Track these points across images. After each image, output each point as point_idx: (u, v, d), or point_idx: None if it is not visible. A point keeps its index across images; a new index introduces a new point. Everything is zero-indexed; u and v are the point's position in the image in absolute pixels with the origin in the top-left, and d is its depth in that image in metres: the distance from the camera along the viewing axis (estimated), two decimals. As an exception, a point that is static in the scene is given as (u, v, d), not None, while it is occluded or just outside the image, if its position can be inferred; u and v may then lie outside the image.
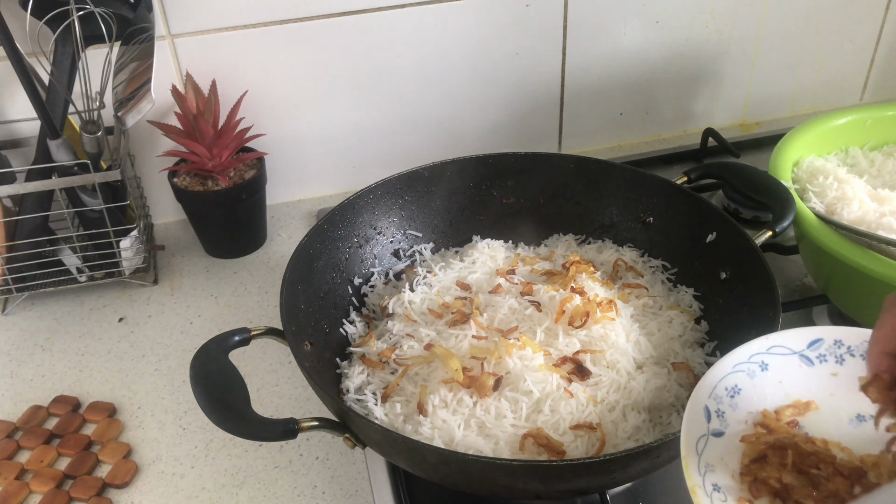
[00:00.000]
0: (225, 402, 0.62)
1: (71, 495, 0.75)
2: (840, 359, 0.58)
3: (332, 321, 0.82)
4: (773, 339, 0.59)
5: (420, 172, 0.91)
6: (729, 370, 0.57)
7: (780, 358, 0.58)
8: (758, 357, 0.58)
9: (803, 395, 0.57)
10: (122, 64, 0.91)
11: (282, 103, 1.09)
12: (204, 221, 1.06)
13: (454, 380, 0.71)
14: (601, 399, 0.70)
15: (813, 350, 0.59)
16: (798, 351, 0.59)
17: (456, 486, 0.66)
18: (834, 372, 0.58)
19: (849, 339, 0.58)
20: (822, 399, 0.57)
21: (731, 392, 0.56)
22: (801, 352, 0.59)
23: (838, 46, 1.26)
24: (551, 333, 0.75)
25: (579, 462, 0.57)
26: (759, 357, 0.58)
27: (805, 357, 0.59)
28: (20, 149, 1.01)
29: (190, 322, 0.97)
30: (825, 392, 0.57)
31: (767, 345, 0.58)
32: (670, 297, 0.85)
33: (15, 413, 0.85)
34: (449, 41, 1.09)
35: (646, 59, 1.19)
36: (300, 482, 0.76)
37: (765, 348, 0.58)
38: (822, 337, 0.59)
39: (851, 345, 0.58)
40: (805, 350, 0.59)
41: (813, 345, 0.59)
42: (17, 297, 0.99)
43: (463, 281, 0.86)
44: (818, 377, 0.58)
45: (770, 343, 0.59)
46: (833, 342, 0.59)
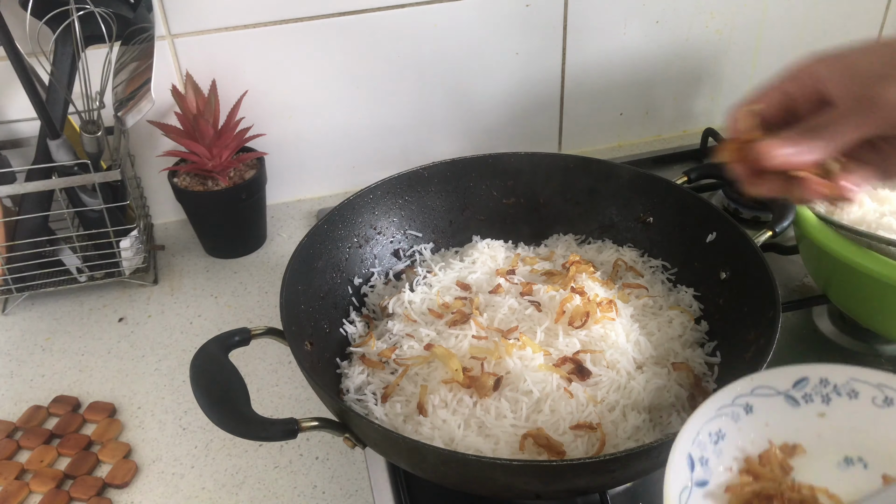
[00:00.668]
0: (225, 402, 0.62)
1: (71, 495, 0.75)
2: (826, 398, 0.56)
3: (332, 321, 0.82)
4: (756, 379, 0.57)
5: (420, 172, 0.91)
6: (712, 414, 0.55)
7: (765, 399, 0.56)
8: (742, 399, 0.56)
9: (790, 437, 0.55)
10: (122, 64, 0.91)
11: (282, 103, 1.09)
12: (204, 221, 1.06)
13: (454, 380, 0.71)
14: (601, 399, 0.70)
15: (798, 390, 0.57)
16: (783, 391, 0.57)
17: (456, 486, 0.66)
18: (821, 412, 0.56)
19: (835, 376, 0.57)
20: (809, 441, 0.55)
21: (714, 437, 0.54)
22: (787, 392, 0.57)
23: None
24: (551, 333, 0.75)
25: (579, 462, 0.57)
26: (743, 399, 0.56)
27: (790, 397, 0.56)
28: (20, 149, 1.01)
29: (190, 322, 0.97)
30: (812, 434, 0.55)
31: (751, 386, 0.56)
32: (670, 297, 0.85)
33: (15, 413, 0.85)
34: (449, 41, 1.09)
35: (646, 59, 1.19)
36: (300, 482, 0.76)
37: (749, 389, 0.56)
38: (807, 376, 0.57)
39: (838, 383, 0.56)
40: (790, 390, 0.57)
41: (798, 384, 0.57)
42: (17, 297, 0.99)
43: (463, 281, 0.86)
44: (805, 418, 0.56)
45: (754, 384, 0.56)
46: (819, 381, 0.57)
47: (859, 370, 0.57)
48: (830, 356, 0.86)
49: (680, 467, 0.51)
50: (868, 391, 0.56)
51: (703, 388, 0.73)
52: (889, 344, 0.86)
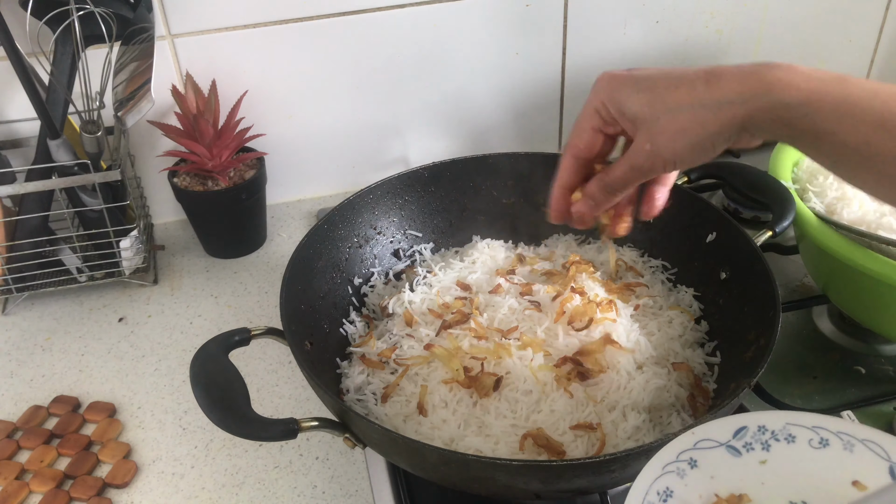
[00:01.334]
0: (225, 402, 0.62)
1: (71, 495, 0.75)
2: (766, 445, 0.57)
3: (332, 321, 0.82)
4: (698, 432, 0.57)
5: (420, 172, 0.91)
6: (659, 472, 0.55)
7: (708, 452, 0.57)
8: (686, 454, 0.56)
9: (735, 488, 0.55)
10: (122, 64, 0.91)
11: (282, 103, 1.09)
12: (204, 221, 1.06)
13: (454, 380, 0.71)
14: (601, 399, 0.70)
15: (739, 439, 0.57)
16: (724, 442, 0.57)
17: (456, 486, 0.66)
18: (762, 459, 0.57)
19: (772, 423, 0.58)
20: (753, 490, 0.55)
21: (663, 496, 0.54)
22: (728, 442, 0.57)
23: (838, 46, 1.26)
24: (551, 333, 0.75)
25: (579, 462, 0.57)
26: (687, 454, 0.56)
27: (732, 448, 0.57)
28: (20, 149, 1.01)
29: (190, 322, 0.97)
30: (756, 482, 0.56)
31: (693, 440, 0.57)
32: (670, 297, 0.85)
33: (15, 413, 0.85)
34: (449, 41, 1.09)
35: (646, 59, 1.19)
36: (300, 482, 0.76)
37: (691, 444, 0.57)
38: (746, 424, 0.58)
39: (775, 429, 0.57)
40: (731, 440, 0.57)
41: (738, 433, 0.57)
42: (17, 297, 0.99)
43: (463, 281, 0.86)
44: (748, 467, 0.56)
45: (696, 438, 0.57)
46: (757, 428, 0.58)
47: (793, 414, 0.58)
48: (830, 356, 0.86)
49: None
50: (804, 434, 0.57)
51: (703, 388, 0.73)
52: (889, 344, 0.86)
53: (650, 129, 0.53)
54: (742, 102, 0.50)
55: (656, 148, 0.53)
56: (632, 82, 0.55)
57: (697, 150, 0.53)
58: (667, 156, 0.53)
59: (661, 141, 0.53)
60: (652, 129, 0.53)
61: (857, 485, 0.54)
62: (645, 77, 0.54)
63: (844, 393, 0.81)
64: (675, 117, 0.52)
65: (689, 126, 0.51)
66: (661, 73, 0.54)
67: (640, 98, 0.54)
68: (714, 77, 0.51)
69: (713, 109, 0.51)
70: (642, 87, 0.54)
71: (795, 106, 0.48)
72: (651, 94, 0.53)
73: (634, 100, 0.54)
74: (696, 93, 0.51)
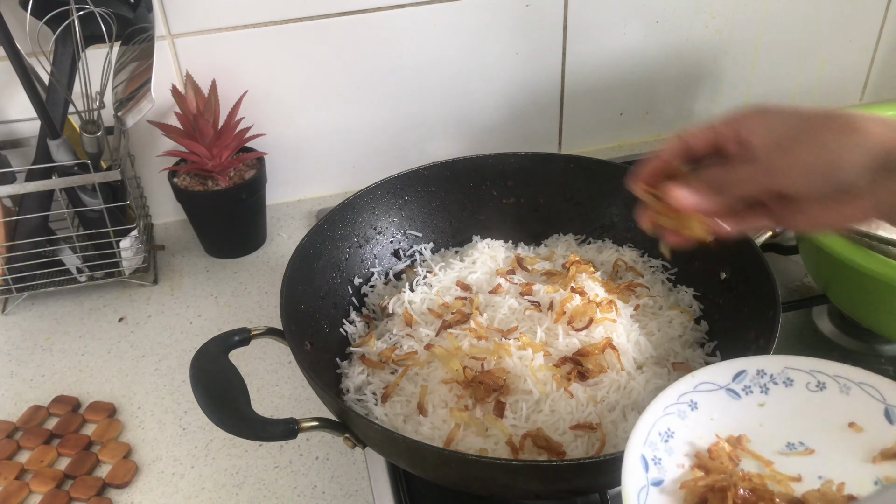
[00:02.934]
0: (225, 402, 0.62)
1: (71, 495, 0.75)
2: (765, 388, 0.59)
3: (332, 321, 0.82)
4: (698, 375, 0.59)
5: (420, 172, 0.91)
6: (660, 414, 0.57)
7: (708, 395, 0.58)
8: (686, 396, 0.58)
9: (734, 429, 0.57)
10: (122, 64, 0.91)
11: (282, 103, 1.09)
12: (204, 221, 1.06)
13: (454, 380, 0.71)
14: (601, 399, 0.70)
15: (738, 383, 0.59)
16: (724, 385, 0.59)
17: (456, 486, 0.66)
18: (760, 402, 0.58)
19: (770, 367, 0.59)
20: (752, 431, 0.57)
21: (664, 436, 0.56)
22: (727, 386, 0.59)
23: (838, 46, 1.26)
24: (551, 333, 0.75)
25: (579, 462, 0.57)
26: (687, 396, 0.58)
27: (731, 391, 0.59)
28: (20, 149, 1.01)
29: (190, 322, 0.97)
30: (755, 423, 0.58)
31: (694, 382, 0.58)
32: (670, 297, 0.85)
33: (15, 413, 0.85)
34: (449, 41, 1.09)
35: (646, 59, 1.19)
36: (300, 482, 0.76)
37: (692, 386, 0.58)
38: (745, 368, 0.59)
39: (773, 372, 0.59)
40: (731, 384, 0.59)
41: (737, 377, 0.59)
42: (17, 297, 0.99)
43: (463, 281, 0.86)
44: (746, 409, 0.58)
45: (696, 381, 0.59)
46: (756, 372, 0.59)
47: (792, 359, 0.60)
48: (830, 356, 0.86)
49: (635, 468, 0.53)
50: (802, 378, 0.59)
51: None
52: (889, 344, 0.86)
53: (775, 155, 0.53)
54: None
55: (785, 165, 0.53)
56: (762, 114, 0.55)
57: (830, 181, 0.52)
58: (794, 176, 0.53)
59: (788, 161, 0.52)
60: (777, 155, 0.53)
61: (853, 426, 0.56)
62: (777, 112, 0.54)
63: (844, 393, 0.81)
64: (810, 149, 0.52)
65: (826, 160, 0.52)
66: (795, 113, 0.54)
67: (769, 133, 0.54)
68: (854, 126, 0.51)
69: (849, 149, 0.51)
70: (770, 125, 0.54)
71: None
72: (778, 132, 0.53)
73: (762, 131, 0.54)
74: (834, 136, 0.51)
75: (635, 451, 0.54)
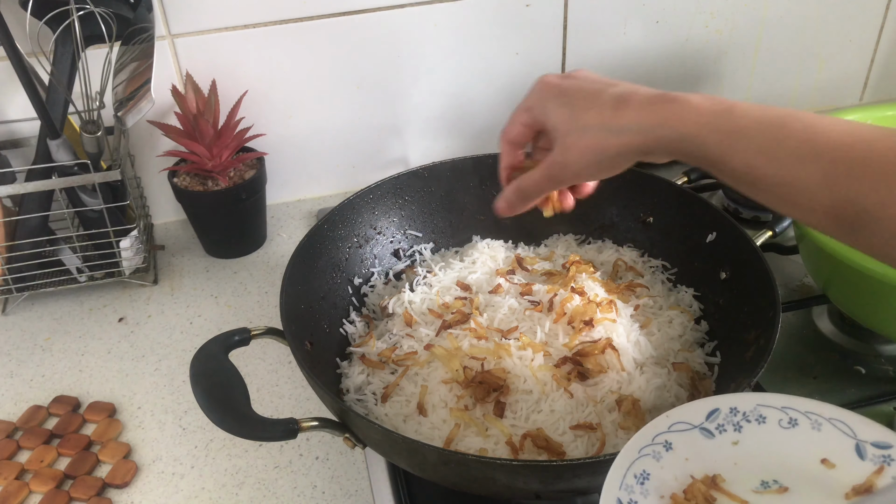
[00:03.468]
0: (225, 402, 0.62)
1: (71, 495, 0.75)
2: (738, 426, 0.58)
3: (332, 321, 0.82)
4: (672, 415, 0.58)
5: (420, 172, 0.91)
6: (635, 456, 0.56)
7: (682, 434, 0.58)
8: (661, 437, 0.57)
9: (709, 469, 0.57)
10: (122, 64, 0.91)
11: (282, 103, 1.09)
12: (204, 221, 1.06)
13: (454, 380, 0.71)
14: (601, 399, 0.70)
15: (711, 421, 0.58)
16: (697, 424, 0.58)
17: (456, 486, 0.66)
18: (734, 440, 0.58)
19: (743, 405, 0.59)
20: (727, 470, 0.57)
21: (640, 479, 0.55)
22: (701, 425, 0.58)
23: (838, 46, 1.26)
24: (551, 333, 0.75)
25: (579, 462, 0.57)
26: (662, 437, 0.57)
27: (705, 430, 0.58)
28: (20, 149, 1.01)
29: (190, 322, 0.97)
30: (729, 462, 0.57)
31: (668, 423, 0.58)
32: (670, 297, 0.85)
33: (15, 413, 0.85)
34: (449, 41, 1.09)
35: (646, 59, 1.19)
36: (300, 482, 0.76)
37: (666, 426, 0.58)
38: (718, 407, 0.59)
39: (746, 410, 0.59)
40: (704, 422, 0.58)
41: (711, 415, 0.59)
42: (17, 297, 0.99)
43: (463, 281, 0.85)
44: (720, 448, 0.58)
45: (670, 420, 0.58)
46: (729, 410, 0.59)
47: (764, 396, 0.59)
48: (830, 356, 0.86)
49: None
50: (774, 415, 0.58)
51: (703, 389, 0.73)
52: (889, 344, 0.86)
53: (563, 142, 0.58)
54: (639, 132, 0.54)
55: (566, 161, 0.58)
56: (558, 94, 0.60)
57: (602, 168, 0.58)
58: (575, 169, 0.58)
59: (570, 156, 0.58)
60: (565, 143, 0.58)
61: (825, 462, 0.56)
62: (569, 90, 0.59)
63: (844, 393, 0.81)
64: (583, 136, 0.57)
65: (593, 146, 0.56)
66: (582, 90, 0.58)
67: (561, 112, 0.59)
68: (622, 103, 0.55)
69: (615, 134, 0.55)
70: (564, 102, 0.59)
71: (687, 138, 0.53)
72: (570, 110, 0.58)
73: (556, 113, 0.59)
74: (604, 116, 0.56)
75: (611, 495, 0.53)
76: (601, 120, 0.56)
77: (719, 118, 0.52)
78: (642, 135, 0.54)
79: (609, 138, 0.56)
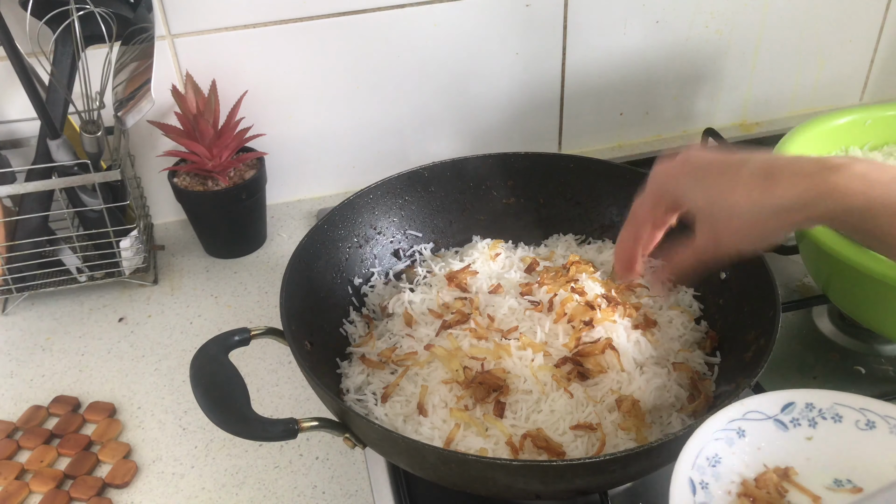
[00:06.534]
0: (225, 402, 0.62)
1: (71, 495, 0.75)
2: (812, 422, 0.58)
3: (332, 321, 0.82)
4: (747, 403, 0.59)
5: (420, 172, 0.91)
6: (708, 438, 0.57)
7: (756, 423, 0.58)
8: (735, 423, 0.58)
9: (781, 460, 0.57)
10: (122, 64, 0.91)
11: (282, 103, 1.09)
12: (204, 221, 1.06)
13: (454, 380, 0.71)
14: (601, 399, 0.70)
15: (786, 414, 0.59)
16: (772, 416, 0.59)
17: (456, 486, 0.66)
18: (808, 436, 0.58)
19: (819, 401, 0.59)
20: (799, 464, 0.57)
21: (712, 461, 0.56)
22: (776, 416, 0.59)
23: (838, 46, 1.26)
24: (551, 333, 0.75)
25: (579, 462, 0.57)
26: (735, 423, 0.58)
27: (779, 422, 0.58)
28: (20, 149, 1.01)
29: (190, 322, 0.97)
30: (802, 457, 0.57)
31: (743, 410, 0.58)
32: (670, 297, 0.85)
33: (15, 413, 0.85)
34: (449, 41, 1.09)
35: (646, 59, 1.19)
36: (300, 482, 0.76)
37: (740, 414, 0.58)
38: (794, 400, 0.59)
39: (822, 407, 0.58)
40: (779, 414, 0.59)
41: (786, 408, 0.59)
42: (17, 297, 0.99)
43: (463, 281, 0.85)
44: (794, 442, 0.58)
45: (745, 408, 0.58)
46: (805, 405, 0.59)
47: (842, 395, 0.59)
48: (830, 356, 0.86)
49: (683, 491, 0.53)
50: (851, 415, 0.58)
51: (703, 388, 0.73)
52: (889, 344, 0.86)
53: (712, 224, 0.56)
54: (798, 208, 0.51)
55: (719, 242, 0.57)
56: (689, 175, 0.57)
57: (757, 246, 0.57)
58: (730, 249, 0.57)
59: (722, 240, 0.56)
60: (715, 226, 0.56)
61: None
62: (700, 168, 0.57)
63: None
64: (733, 219, 0.54)
65: (747, 229, 0.54)
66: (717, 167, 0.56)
67: (699, 194, 0.57)
68: (770, 177, 0.52)
69: (770, 215, 0.52)
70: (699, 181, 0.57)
71: (856, 212, 0.49)
72: (709, 191, 0.56)
73: (694, 195, 0.57)
74: (753, 196, 0.53)
75: (684, 473, 0.53)
76: (750, 200, 0.53)
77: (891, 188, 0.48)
78: (802, 211, 0.51)
79: (763, 219, 0.52)
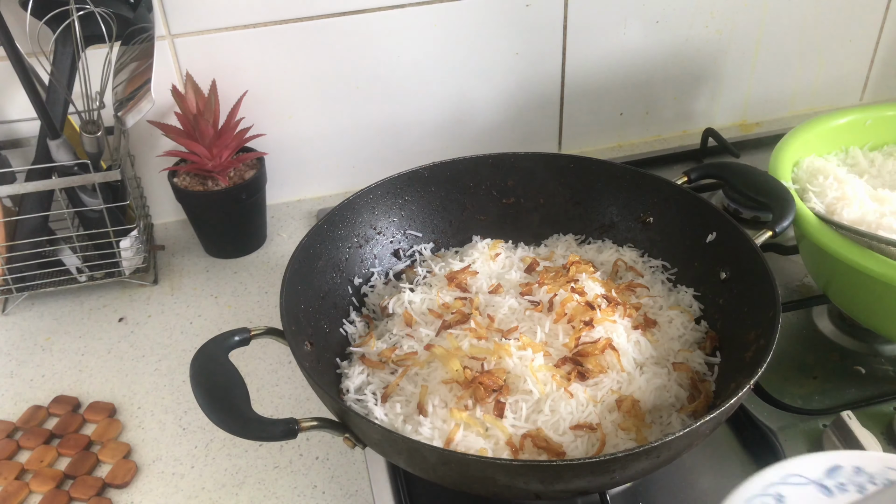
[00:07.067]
0: (225, 402, 0.62)
1: (71, 495, 0.75)
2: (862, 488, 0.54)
3: (332, 321, 0.82)
4: (788, 466, 0.55)
5: (420, 172, 0.91)
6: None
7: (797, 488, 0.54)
8: (773, 488, 0.54)
9: None
10: (122, 64, 0.91)
11: (282, 103, 1.09)
12: (204, 221, 1.06)
13: (454, 380, 0.71)
14: (601, 399, 0.70)
15: (831, 478, 0.54)
16: (815, 480, 0.54)
17: (456, 486, 0.66)
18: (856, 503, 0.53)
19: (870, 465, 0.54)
20: None
21: None
22: (819, 481, 0.54)
23: (838, 46, 1.26)
24: (551, 333, 0.75)
25: (579, 462, 0.57)
26: (774, 488, 0.54)
27: (823, 486, 0.54)
28: (20, 149, 1.01)
29: (190, 322, 0.97)
30: None
31: (783, 474, 0.54)
32: (670, 297, 0.85)
33: (15, 413, 0.85)
34: (449, 41, 1.09)
35: (646, 59, 1.19)
36: (300, 482, 0.76)
37: (779, 478, 0.54)
38: (840, 464, 0.55)
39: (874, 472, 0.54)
40: (823, 478, 0.54)
41: (831, 472, 0.54)
42: (17, 297, 0.99)
43: (462, 281, 0.85)
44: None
45: (785, 472, 0.54)
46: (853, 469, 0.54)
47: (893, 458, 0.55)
48: (830, 356, 0.86)
49: None
50: None
51: (703, 388, 0.73)
52: (889, 344, 0.86)
53: None
54: None
55: None
56: None
57: None
58: None
59: None
60: None
61: None
62: None
63: (844, 393, 0.81)
64: None
65: None
66: None
67: None
68: None
69: None
70: None
71: None
72: None
73: None
74: None
75: None
76: None
77: None
78: None
79: None
